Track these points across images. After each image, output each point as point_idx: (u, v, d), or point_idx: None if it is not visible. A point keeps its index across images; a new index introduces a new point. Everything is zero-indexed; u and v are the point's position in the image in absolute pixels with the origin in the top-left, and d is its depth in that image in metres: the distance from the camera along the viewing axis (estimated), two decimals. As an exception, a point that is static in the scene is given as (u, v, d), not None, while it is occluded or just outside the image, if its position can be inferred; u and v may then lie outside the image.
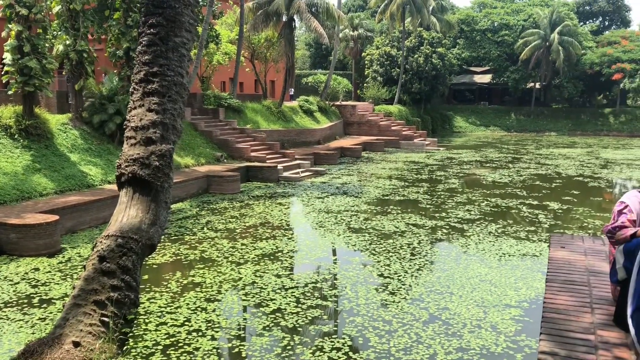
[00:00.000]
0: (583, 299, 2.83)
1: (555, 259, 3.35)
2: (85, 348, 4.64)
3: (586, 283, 3.02)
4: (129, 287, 4.69)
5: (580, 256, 3.39)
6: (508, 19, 53.70)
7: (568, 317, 2.60)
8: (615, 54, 49.60)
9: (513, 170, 24.69)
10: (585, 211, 15.80)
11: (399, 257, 10.97)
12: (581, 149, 35.77)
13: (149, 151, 4.99)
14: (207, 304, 8.46)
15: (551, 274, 3.12)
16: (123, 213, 5.00)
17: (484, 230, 13.27)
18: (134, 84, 5.21)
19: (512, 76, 52.79)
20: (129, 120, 5.22)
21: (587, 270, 3.20)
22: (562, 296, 2.86)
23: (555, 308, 2.71)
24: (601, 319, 2.54)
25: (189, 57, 5.28)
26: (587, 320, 2.54)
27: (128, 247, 4.81)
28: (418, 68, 44.15)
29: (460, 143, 40.13)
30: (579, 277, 3.11)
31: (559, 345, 2.39)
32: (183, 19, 5.12)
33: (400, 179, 21.45)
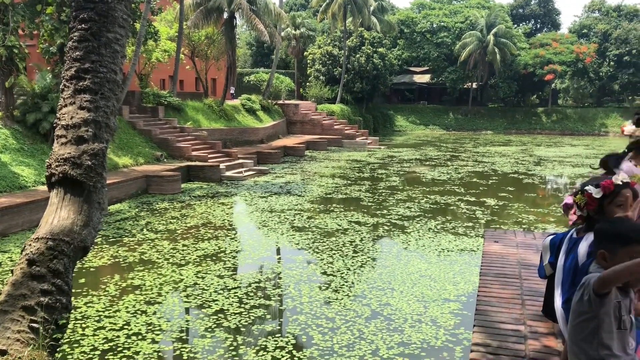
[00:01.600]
0: (514, 291, 2.94)
1: (488, 253, 3.47)
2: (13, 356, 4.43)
3: (517, 276, 3.15)
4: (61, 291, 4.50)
5: (513, 250, 3.54)
6: (446, 21, 55.08)
7: (500, 309, 2.70)
8: (547, 55, 51.79)
9: (451, 167, 25.37)
10: (520, 207, 16.42)
11: (342, 254, 11.07)
12: (516, 147, 37.14)
13: (80, 150, 4.82)
14: (147, 307, 8.27)
15: (485, 268, 3.23)
16: (54, 215, 4.81)
17: (424, 226, 13.58)
18: (65, 80, 5.02)
19: (450, 76, 54.20)
20: (59, 119, 5.02)
21: (519, 263, 3.33)
22: (495, 289, 2.97)
23: (488, 301, 2.81)
24: (531, 310, 2.66)
25: (122, 53, 5.13)
26: (517, 312, 2.65)
27: (59, 250, 4.62)
28: (360, 68, 44.63)
29: (401, 141, 40.87)
30: (511, 270, 3.24)
31: (490, 336, 2.47)
32: (116, 14, 4.97)
33: (342, 177, 21.64)
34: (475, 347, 2.47)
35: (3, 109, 17.06)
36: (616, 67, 53.31)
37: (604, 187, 3.09)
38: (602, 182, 3.11)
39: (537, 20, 64.79)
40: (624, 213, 3.00)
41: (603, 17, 59.67)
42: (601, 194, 3.08)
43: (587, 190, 3.09)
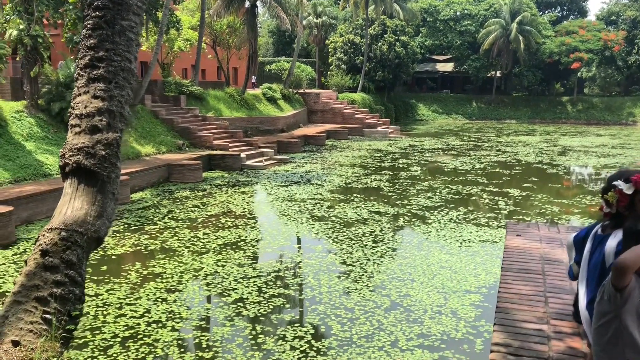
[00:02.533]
0: (537, 288, 2.86)
1: (510, 247, 3.38)
2: (26, 347, 4.45)
3: (540, 272, 3.06)
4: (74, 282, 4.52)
5: (536, 244, 3.44)
6: (470, 8, 54.28)
7: (522, 307, 2.62)
8: (573, 43, 50.73)
9: (474, 157, 25.08)
10: (544, 198, 16.17)
11: (362, 244, 11.02)
12: (540, 137, 36.56)
13: (94, 140, 4.80)
14: (167, 295, 8.34)
15: (507, 263, 3.15)
16: (67, 205, 4.82)
17: (445, 217, 13.44)
18: (79, 69, 5.01)
19: (474, 65, 53.47)
20: (73, 108, 5.01)
21: (542, 258, 3.24)
22: (517, 285, 2.89)
23: (509, 298, 2.73)
24: (555, 308, 2.58)
25: (137, 41, 5.09)
26: (540, 310, 2.57)
27: (72, 241, 4.63)
28: (382, 56, 44.26)
29: (423, 131, 40.53)
30: (534, 266, 3.15)
31: (512, 336, 2.40)
32: (130, 1, 4.93)
33: (363, 166, 21.54)
34: (495, 347, 2.40)
35: (28, 97, 17.31)
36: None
37: (636, 183, 2.94)
38: (632, 177, 2.96)
39: (564, 7, 63.44)
40: None
41: (632, 3, 58.15)
42: (633, 189, 2.93)
43: (617, 185, 2.96)
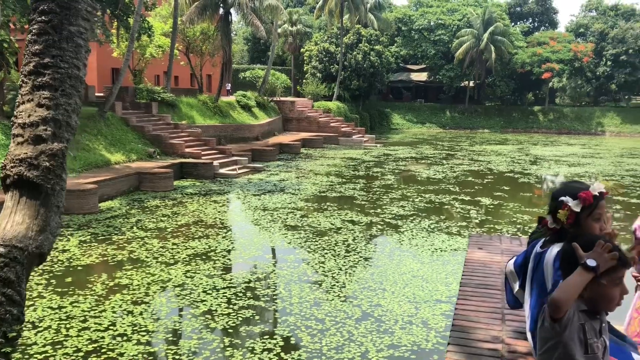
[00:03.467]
0: (495, 304, 2.81)
1: (471, 261, 3.34)
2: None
3: (499, 287, 3.01)
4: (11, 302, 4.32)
5: (497, 257, 3.40)
6: (444, 19, 54.94)
7: (478, 324, 2.57)
8: (544, 54, 51.69)
9: (447, 166, 25.25)
10: (515, 206, 16.31)
11: (334, 254, 10.93)
12: (512, 146, 37.04)
13: (38, 150, 4.60)
14: (134, 307, 8.12)
15: (466, 277, 3.10)
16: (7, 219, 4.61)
17: (418, 225, 13.45)
18: (23, 76, 4.80)
19: (448, 74, 54.07)
20: (16, 117, 4.81)
21: (502, 272, 3.20)
22: (474, 301, 2.83)
23: (466, 315, 2.68)
24: (511, 326, 2.52)
25: (86, 47, 4.90)
26: (496, 328, 2.52)
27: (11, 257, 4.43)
28: (356, 65, 44.47)
29: (398, 140, 40.74)
30: (493, 281, 3.10)
31: (466, 357, 2.33)
32: (79, 5, 4.75)
33: (337, 175, 21.50)
34: (448, 368, 2.33)
35: (-7, 104, 16.87)
36: (613, 67, 53.21)
37: (584, 200, 2.81)
38: (580, 194, 2.83)
39: (535, 18, 64.66)
40: (598, 225, 2.79)
41: (600, 16, 59.59)
42: (580, 207, 2.81)
43: (565, 201, 2.85)
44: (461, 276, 3.24)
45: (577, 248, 2.25)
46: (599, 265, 2.21)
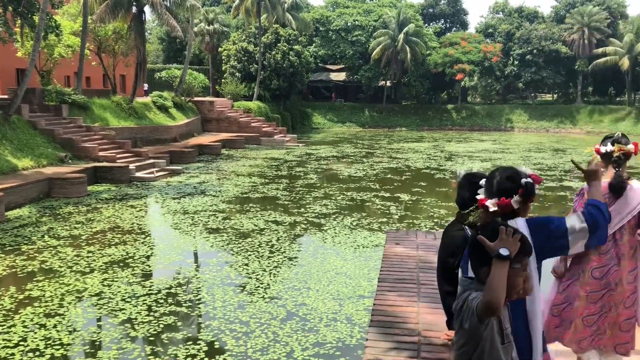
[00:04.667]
0: (411, 298, 2.89)
1: (389, 256, 3.42)
2: None
3: (415, 281, 3.10)
4: None
5: (413, 252, 3.50)
6: (360, 19, 55.93)
7: (396, 318, 2.63)
8: (456, 54, 53.79)
9: (367, 164, 25.73)
10: (433, 201, 16.86)
11: (258, 255, 10.86)
12: (428, 143, 38.30)
13: None
14: (46, 320, 7.70)
15: (384, 273, 3.17)
16: None
17: (340, 223, 13.61)
18: None
19: (366, 74, 55.11)
20: None
21: (418, 267, 3.30)
22: (392, 296, 2.90)
23: (384, 310, 2.73)
24: (427, 318, 2.60)
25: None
26: (413, 322, 2.59)
27: None
28: (276, 65, 44.40)
29: (319, 139, 41.09)
30: (410, 275, 3.19)
31: (384, 351, 2.37)
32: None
33: (260, 175, 21.39)
34: (367, 364, 2.36)
35: None
36: (520, 66, 56.19)
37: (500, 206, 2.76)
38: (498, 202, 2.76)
39: (447, 19, 67.16)
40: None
41: (506, 17, 62.75)
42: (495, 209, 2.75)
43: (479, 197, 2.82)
44: (379, 272, 3.30)
45: (484, 240, 2.28)
46: (511, 252, 2.24)
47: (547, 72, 55.46)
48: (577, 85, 58.37)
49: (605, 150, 3.78)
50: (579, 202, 4.08)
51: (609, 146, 3.72)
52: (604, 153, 3.83)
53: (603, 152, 3.80)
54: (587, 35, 54.19)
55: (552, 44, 54.73)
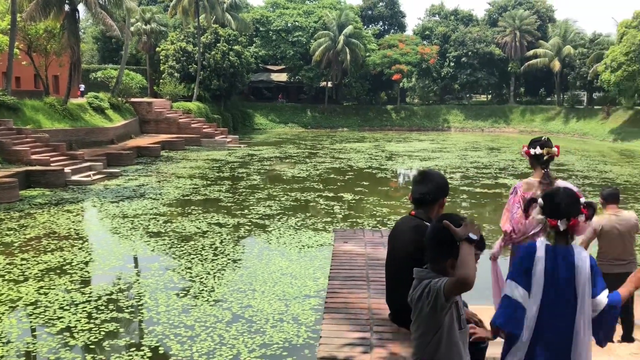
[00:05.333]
0: (362, 294, 2.94)
1: (338, 255, 3.47)
2: None
3: (365, 278, 3.16)
4: None
5: (361, 249, 3.56)
6: (300, 20, 56.06)
7: (348, 315, 2.67)
8: (394, 56, 54.77)
9: (310, 164, 25.83)
10: (375, 200, 17.12)
11: (201, 258, 10.71)
12: (370, 143, 38.84)
13: None
14: (-23, 333, 7.32)
15: (334, 271, 3.21)
16: None
17: (285, 224, 13.61)
18: None
19: (307, 75, 55.28)
20: None
21: (367, 264, 3.36)
22: (343, 294, 2.94)
23: (336, 307, 2.77)
24: (378, 314, 2.65)
25: None
26: (364, 318, 2.64)
27: None
28: (216, 65, 43.88)
29: (261, 140, 40.91)
30: (359, 273, 3.25)
31: (337, 348, 2.40)
32: None
33: (201, 177, 21.08)
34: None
35: None
36: (455, 68, 57.84)
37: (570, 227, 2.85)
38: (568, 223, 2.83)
39: (385, 21, 68.28)
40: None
41: (442, 20, 64.47)
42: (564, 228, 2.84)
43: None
44: (329, 270, 3.34)
45: (450, 225, 2.38)
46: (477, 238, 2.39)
47: (482, 74, 57.35)
48: (510, 87, 60.63)
49: (535, 152, 4.12)
50: (513, 199, 4.35)
51: (538, 149, 4.06)
52: (533, 155, 4.17)
53: (532, 154, 4.15)
54: (518, 38, 56.40)
55: (486, 47, 56.64)
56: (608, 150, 37.02)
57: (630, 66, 41.23)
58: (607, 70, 43.64)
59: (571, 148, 37.57)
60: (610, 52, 44.17)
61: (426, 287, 2.41)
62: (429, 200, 3.00)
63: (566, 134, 49.06)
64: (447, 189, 3.12)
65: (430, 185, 3.02)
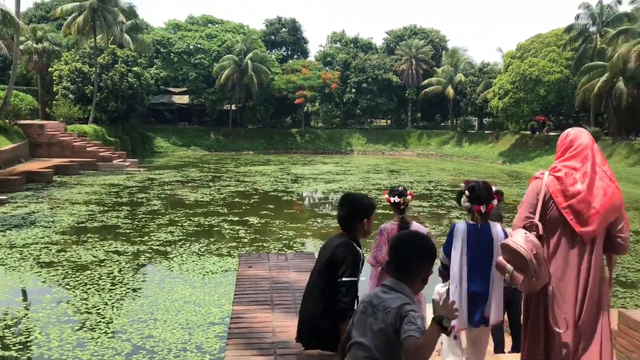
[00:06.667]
0: (266, 318, 2.91)
1: (242, 280, 3.41)
2: None
3: (269, 301, 3.14)
4: None
5: (266, 273, 3.53)
6: (203, 43, 55.61)
7: (251, 340, 2.63)
8: (298, 81, 55.65)
9: (214, 188, 25.42)
10: (281, 223, 17.11)
11: (98, 288, 10.15)
12: (275, 166, 38.93)
13: None
14: None
15: (238, 296, 3.16)
16: None
17: (188, 250, 13.25)
18: None
19: (210, 98, 54.75)
20: None
21: (271, 287, 3.34)
22: (247, 318, 2.90)
23: (240, 333, 2.72)
24: (281, 337, 2.63)
25: None
26: (268, 341, 2.61)
27: None
28: (114, 86, 42.39)
29: (162, 163, 39.79)
30: (264, 297, 3.22)
31: (243, 372, 2.37)
32: None
33: (98, 203, 20.09)
34: (227, 387, 2.33)
35: None
36: (357, 93, 59.71)
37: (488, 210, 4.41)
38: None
39: (288, 47, 69.34)
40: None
41: (343, 47, 66.47)
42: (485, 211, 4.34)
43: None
44: (233, 296, 3.28)
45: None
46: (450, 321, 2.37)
47: (382, 99, 59.60)
48: (408, 112, 63.41)
49: (394, 200, 4.86)
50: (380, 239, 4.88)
51: (396, 198, 4.78)
52: (393, 203, 4.85)
53: (392, 202, 4.82)
54: (414, 66, 59.30)
55: (385, 73, 59.01)
56: (498, 172, 39.51)
57: (516, 94, 44.56)
58: (495, 97, 46.86)
59: (465, 170, 39.77)
60: (497, 81, 47.57)
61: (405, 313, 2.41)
62: (348, 221, 3.18)
63: (460, 157, 51.87)
64: (368, 209, 3.32)
65: (349, 208, 3.21)
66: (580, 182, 3.15)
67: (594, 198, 3.12)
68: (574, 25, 42.68)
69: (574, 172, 3.20)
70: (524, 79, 44.02)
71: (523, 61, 44.89)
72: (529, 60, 44.38)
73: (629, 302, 10.14)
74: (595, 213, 3.11)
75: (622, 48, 34.18)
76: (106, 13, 40.70)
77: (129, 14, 44.12)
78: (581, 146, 3.25)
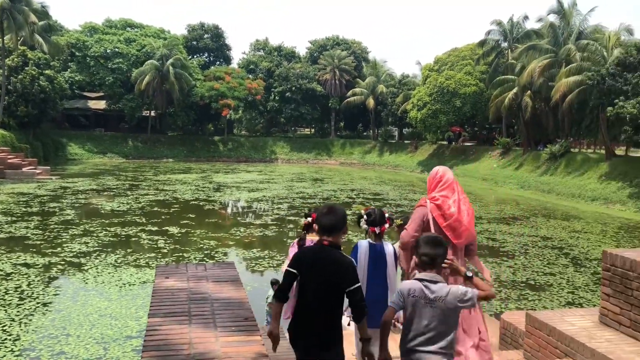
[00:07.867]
0: (183, 330, 2.86)
1: (159, 291, 3.33)
2: None
3: (187, 313, 3.08)
4: None
5: (184, 284, 3.47)
6: (121, 47, 53.82)
7: (167, 353, 2.56)
8: (221, 89, 54.93)
9: (132, 197, 24.60)
10: (202, 233, 16.79)
11: (4, 304, 9.54)
12: (196, 174, 38.20)
13: None
14: None
15: (154, 308, 3.08)
16: None
17: (104, 261, 12.73)
18: None
19: (129, 104, 53.04)
20: None
21: (189, 298, 3.29)
22: (163, 331, 2.83)
23: (156, 346, 2.65)
24: (198, 349, 2.59)
25: None
26: (185, 353, 2.56)
27: None
28: (24, 90, 40.22)
29: (77, 171, 38.09)
30: (181, 308, 3.16)
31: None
32: None
33: (5, 213, 18.92)
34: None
35: None
36: (280, 102, 59.81)
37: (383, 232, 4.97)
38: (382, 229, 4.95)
39: (211, 53, 68.40)
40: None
41: (267, 55, 66.45)
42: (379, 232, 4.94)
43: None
44: (149, 308, 3.19)
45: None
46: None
47: (305, 109, 60.01)
48: (331, 121, 64.19)
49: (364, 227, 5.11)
50: (293, 250, 5.05)
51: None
52: (362, 229, 5.13)
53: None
54: (338, 76, 60.18)
55: (309, 83, 59.50)
56: (417, 180, 40.74)
57: (433, 105, 46.16)
58: (414, 108, 48.33)
59: (385, 179, 40.74)
60: (416, 93, 49.12)
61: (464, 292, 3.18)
62: (341, 227, 3.53)
63: (381, 166, 53.08)
64: (346, 215, 3.65)
65: (338, 215, 3.55)
66: (453, 207, 4.28)
67: (462, 218, 4.27)
68: (487, 40, 44.85)
69: (447, 200, 4.31)
70: (441, 91, 45.71)
71: (440, 74, 46.62)
72: (446, 73, 46.16)
73: (537, 304, 10.72)
74: (465, 229, 4.28)
75: (531, 64, 36.31)
76: (16, 13, 38.54)
77: (41, 15, 42.02)
78: (449, 180, 4.42)
